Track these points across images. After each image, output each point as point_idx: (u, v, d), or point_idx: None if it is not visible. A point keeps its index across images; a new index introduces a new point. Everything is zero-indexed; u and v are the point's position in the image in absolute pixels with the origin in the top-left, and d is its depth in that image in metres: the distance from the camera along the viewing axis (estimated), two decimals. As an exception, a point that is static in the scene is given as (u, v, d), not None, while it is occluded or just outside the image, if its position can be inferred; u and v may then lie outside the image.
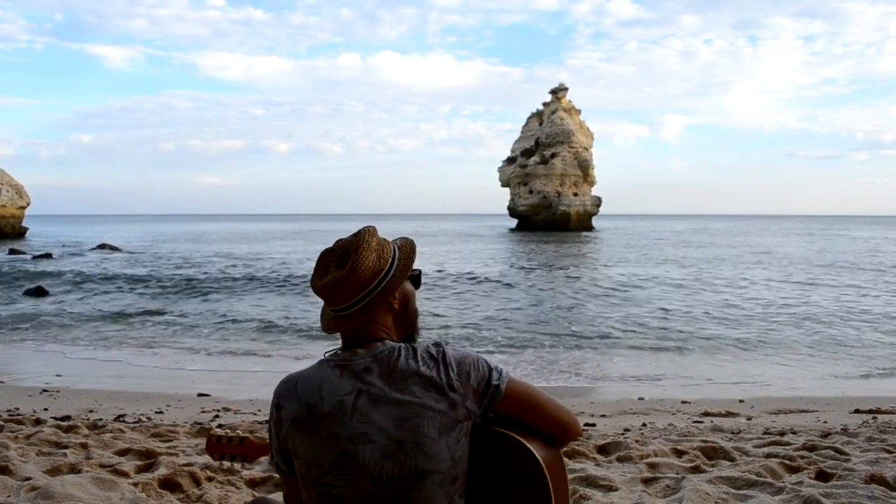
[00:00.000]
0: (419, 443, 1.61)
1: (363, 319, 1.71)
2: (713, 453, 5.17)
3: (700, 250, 49.79)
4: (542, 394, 1.80)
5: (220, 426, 6.60)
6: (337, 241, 1.78)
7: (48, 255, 39.58)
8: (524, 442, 1.69)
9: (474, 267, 32.99)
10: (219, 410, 8.01)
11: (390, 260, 1.74)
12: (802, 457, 4.90)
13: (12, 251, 41.63)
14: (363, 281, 1.69)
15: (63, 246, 48.95)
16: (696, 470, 4.64)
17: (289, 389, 1.72)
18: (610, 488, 4.16)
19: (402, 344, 1.73)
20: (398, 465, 1.62)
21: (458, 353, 1.73)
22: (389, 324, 1.77)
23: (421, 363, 1.67)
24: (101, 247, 47.31)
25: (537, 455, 1.67)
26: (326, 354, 1.77)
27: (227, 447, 2.16)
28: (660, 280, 27.50)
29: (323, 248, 1.81)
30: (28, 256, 39.37)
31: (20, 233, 64.62)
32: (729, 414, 8.08)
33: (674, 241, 65.69)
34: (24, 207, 66.33)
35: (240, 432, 2.20)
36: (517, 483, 1.70)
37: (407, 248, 1.81)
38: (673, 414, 8.17)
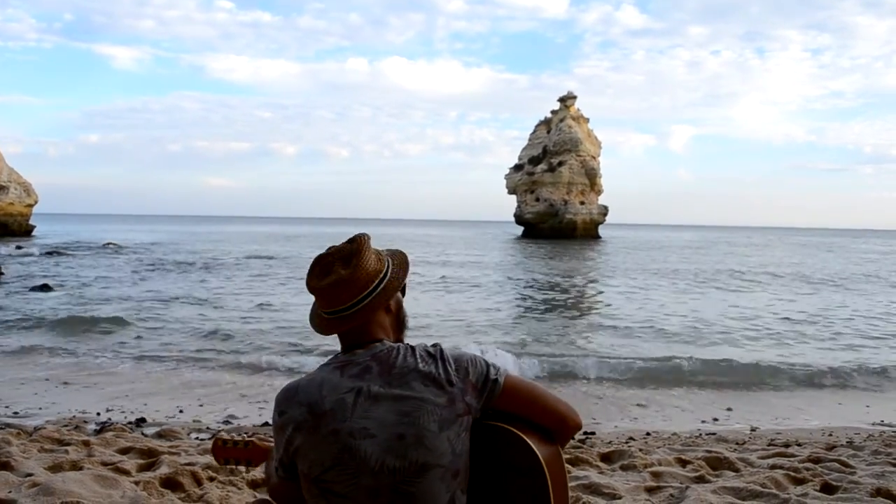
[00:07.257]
0: (420, 436, 1.63)
1: (363, 319, 1.76)
2: (717, 463, 5.14)
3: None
4: (540, 388, 1.83)
5: (223, 427, 6.59)
6: (331, 247, 1.83)
7: (57, 252, 39.78)
8: (521, 435, 1.70)
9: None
10: (224, 412, 8.00)
11: (387, 263, 1.83)
12: (807, 469, 4.87)
13: (18, 248, 41.81)
14: (367, 280, 1.76)
15: (76, 243, 48.70)
16: (700, 480, 4.61)
17: (290, 395, 1.74)
18: (613, 496, 4.14)
19: (400, 344, 1.78)
20: (399, 459, 1.63)
21: (456, 351, 1.77)
22: (387, 325, 1.82)
23: (419, 360, 1.71)
24: (107, 245, 47.39)
25: (535, 448, 1.68)
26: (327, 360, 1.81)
27: (232, 451, 2.18)
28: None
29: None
30: (36, 252, 39.56)
31: (27, 230, 64.96)
32: (733, 425, 8.02)
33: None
34: (31, 205, 66.71)
35: (245, 436, 2.20)
36: (515, 476, 1.71)
37: (400, 256, 1.91)
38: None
